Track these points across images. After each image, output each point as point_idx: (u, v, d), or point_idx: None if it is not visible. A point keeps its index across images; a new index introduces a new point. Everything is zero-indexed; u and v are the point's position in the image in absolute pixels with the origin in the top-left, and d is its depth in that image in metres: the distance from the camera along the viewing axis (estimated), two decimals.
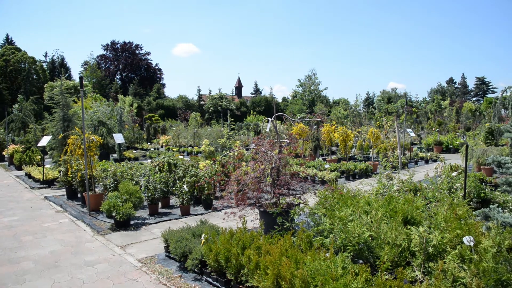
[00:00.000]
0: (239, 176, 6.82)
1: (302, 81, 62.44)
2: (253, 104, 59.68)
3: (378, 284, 3.50)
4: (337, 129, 17.43)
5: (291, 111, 52.53)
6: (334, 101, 62.15)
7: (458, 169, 10.37)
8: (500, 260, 3.84)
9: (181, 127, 31.36)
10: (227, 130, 24.83)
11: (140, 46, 65.63)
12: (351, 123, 30.82)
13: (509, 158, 5.21)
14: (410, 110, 40.90)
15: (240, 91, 79.92)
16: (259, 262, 4.33)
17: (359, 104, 56.07)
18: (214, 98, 55.29)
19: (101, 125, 19.30)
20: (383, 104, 53.22)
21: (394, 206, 5.55)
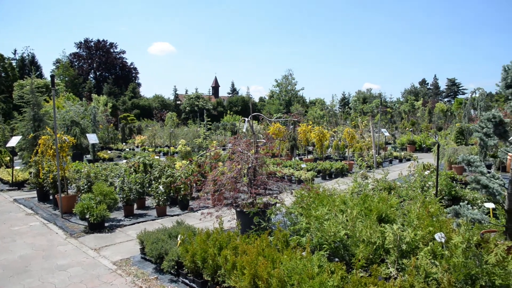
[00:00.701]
0: (216, 176, 6.79)
1: (279, 81, 62.69)
2: (230, 104, 59.57)
3: (353, 282, 3.55)
4: (314, 129, 17.60)
5: (268, 111, 52.72)
6: (310, 101, 62.69)
7: (431, 168, 10.65)
8: (469, 255, 3.95)
9: (157, 127, 30.96)
10: (203, 130, 24.67)
11: (115, 44, 64.44)
12: (327, 123, 31.18)
13: (477, 157, 5.38)
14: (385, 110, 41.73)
15: (217, 91, 79.61)
16: (236, 262, 4.31)
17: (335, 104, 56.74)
18: (190, 98, 54.87)
19: (74, 125, 18.84)
20: (359, 104, 54.10)
21: (369, 205, 5.65)
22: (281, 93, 62.36)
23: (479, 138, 5.20)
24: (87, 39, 62.43)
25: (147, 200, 9.80)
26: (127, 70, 65.62)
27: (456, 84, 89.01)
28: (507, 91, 4.92)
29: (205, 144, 20.96)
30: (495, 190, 5.11)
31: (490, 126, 4.96)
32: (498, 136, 4.95)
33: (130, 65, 66.19)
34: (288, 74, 62.76)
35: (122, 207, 8.77)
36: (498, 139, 4.99)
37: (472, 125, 8.46)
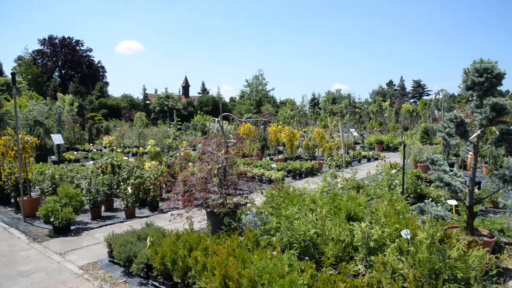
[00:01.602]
0: (186, 176, 6.73)
1: (250, 81, 62.77)
2: (200, 104, 59.11)
3: (323, 280, 3.60)
4: (284, 129, 17.73)
5: (239, 111, 52.63)
6: (281, 101, 63.10)
7: (397, 167, 10.95)
8: (433, 250, 4.10)
9: (126, 127, 30.32)
10: (173, 130, 24.38)
11: (81, 42, 62.53)
12: (298, 123, 31.47)
13: (441, 156, 5.57)
14: (354, 111, 42.53)
15: (187, 90, 78.82)
16: (206, 263, 4.29)
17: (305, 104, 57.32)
18: (160, 98, 54.08)
19: (38, 125, 18.18)
20: (328, 105, 54.88)
21: (338, 203, 5.74)
22: (252, 93, 62.45)
23: (442, 138, 5.39)
24: (51, 36, 60.30)
25: (115, 202, 9.58)
26: (94, 69, 63.87)
27: (421, 86, 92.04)
28: (468, 92, 5.13)
29: (175, 145, 20.72)
30: (457, 188, 5.32)
31: (452, 126, 5.15)
32: (460, 136, 5.15)
33: (97, 64, 64.46)
34: (259, 74, 62.95)
35: (89, 210, 8.53)
36: (460, 139, 5.20)
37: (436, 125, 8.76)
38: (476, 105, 5.09)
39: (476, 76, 4.92)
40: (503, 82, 4.93)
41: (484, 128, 5.06)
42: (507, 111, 4.76)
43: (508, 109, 4.74)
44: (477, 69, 4.92)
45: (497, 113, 4.78)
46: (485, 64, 4.86)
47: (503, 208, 5.34)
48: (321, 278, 3.63)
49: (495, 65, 4.84)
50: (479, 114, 4.94)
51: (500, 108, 4.72)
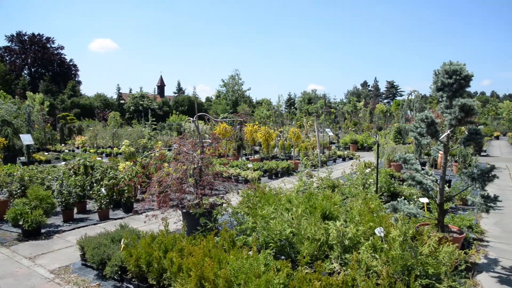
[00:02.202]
0: (161, 177, 6.65)
1: (226, 81, 62.54)
2: (176, 103, 58.55)
3: (299, 278, 3.62)
4: (260, 129, 17.77)
5: (215, 111, 52.45)
6: (257, 101, 63.15)
7: (371, 166, 11.16)
8: (405, 247, 4.20)
9: (99, 127, 29.67)
10: (148, 130, 24.03)
11: (52, 39, 60.74)
12: (274, 123, 31.57)
13: (413, 155, 5.71)
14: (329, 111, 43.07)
15: (162, 90, 77.92)
16: (182, 265, 4.25)
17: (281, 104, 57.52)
18: (135, 97, 53.24)
19: (6, 124, 17.56)
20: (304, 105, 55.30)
21: (314, 203, 5.80)
22: (228, 93, 62.24)
23: (414, 138, 5.53)
24: (20, 32, 58.29)
25: (88, 203, 9.36)
26: (66, 67, 62.20)
27: (394, 87, 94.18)
28: (438, 93, 5.27)
29: (150, 145, 20.44)
30: (428, 186, 5.46)
31: (423, 126, 5.28)
32: (431, 136, 5.29)
33: (69, 62, 62.82)
34: (235, 74, 62.78)
35: (60, 212, 8.30)
36: (431, 138, 5.34)
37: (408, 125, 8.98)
38: (446, 105, 5.24)
39: (445, 78, 5.07)
40: (471, 84, 5.11)
41: (453, 128, 5.22)
42: (475, 111, 4.92)
43: (476, 109, 4.90)
44: (447, 71, 5.07)
45: (466, 113, 4.94)
46: (454, 66, 5.01)
47: (472, 205, 5.52)
48: (296, 277, 3.66)
49: (463, 67, 5.00)
50: (449, 115, 5.08)
51: (468, 108, 4.88)
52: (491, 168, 5.19)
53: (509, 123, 41.40)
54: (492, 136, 35.86)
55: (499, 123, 44.90)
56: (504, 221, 7.66)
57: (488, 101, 65.20)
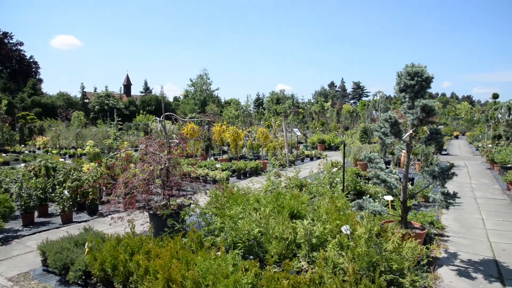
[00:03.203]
0: (127, 178, 6.50)
1: (194, 81, 62.00)
2: (143, 103, 57.48)
3: (267, 278, 3.64)
4: (228, 129, 17.73)
5: (183, 111, 51.89)
6: (226, 101, 62.98)
7: (338, 165, 11.36)
8: (371, 244, 4.30)
9: (62, 127, 28.64)
10: (114, 130, 23.47)
11: (10, 34, 58.09)
12: (242, 123, 31.61)
13: (377, 154, 5.87)
14: (297, 111, 43.55)
15: (129, 89, 76.27)
16: (148, 267, 4.17)
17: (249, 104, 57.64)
18: (100, 96, 51.84)
19: None
20: (272, 105, 55.71)
21: (282, 202, 5.85)
22: (196, 92, 61.73)
23: (379, 137, 5.68)
24: None
25: (50, 206, 9.02)
26: (26, 64, 59.71)
27: (360, 87, 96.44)
28: (401, 94, 5.44)
29: (115, 145, 19.95)
30: (392, 184, 5.62)
31: (387, 126, 5.43)
32: (394, 135, 5.45)
33: (29, 59, 60.34)
34: (203, 74, 62.36)
35: (20, 216, 7.95)
36: (394, 138, 5.50)
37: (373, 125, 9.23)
38: (408, 106, 5.40)
39: (408, 79, 5.23)
40: (432, 85, 5.30)
41: (415, 127, 5.39)
42: (435, 112, 5.11)
43: (436, 110, 5.09)
44: (409, 72, 5.24)
45: (427, 114, 5.11)
46: (416, 68, 5.18)
47: (433, 202, 5.72)
48: (265, 276, 3.68)
49: (424, 69, 5.18)
50: (411, 115, 5.25)
51: (429, 109, 5.06)
52: (451, 166, 5.40)
53: (467, 123, 43.29)
54: (452, 135, 37.40)
55: (458, 123, 46.90)
56: (463, 216, 8.00)
57: (448, 102, 68.00)
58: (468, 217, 7.94)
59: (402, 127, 5.51)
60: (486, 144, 20.54)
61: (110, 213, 8.23)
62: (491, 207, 8.77)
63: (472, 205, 8.98)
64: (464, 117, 44.32)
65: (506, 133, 16.97)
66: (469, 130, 38.91)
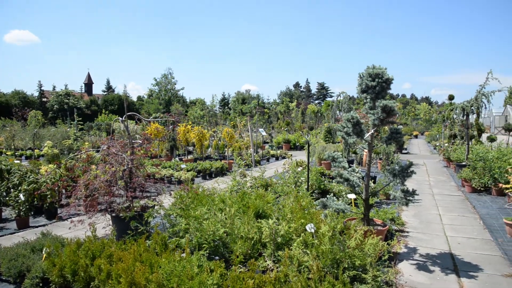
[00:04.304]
0: (88, 180, 6.30)
1: (158, 80, 61.06)
2: (105, 102, 55.94)
3: (232, 278, 3.63)
4: (193, 129, 17.56)
5: (147, 111, 50.97)
6: (191, 101, 62.46)
7: (303, 165, 11.50)
8: (334, 242, 4.38)
9: (18, 127, 27.33)
10: (74, 131, 22.66)
11: None
12: (208, 123, 31.42)
13: (341, 154, 5.99)
14: (262, 111, 43.75)
15: (90, 88, 73.94)
16: (111, 271, 4.05)
17: (215, 104, 57.43)
18: (59, 95, 49.99)
19: None
20: (238, 105, 55.70)
21: (247, 202, 5.85)
22: (161, 92, 60.84)
23: (342, 137, 5.79)
24: None
25: (4, 211, 8.58)
26: None
27: (325, 88, 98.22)
28: (362, 95, 5.57)
29: (76, 146, 19.29)
30: (354, 183, 5.75)
31: (350, 126, 5.55)
32: (356, 135, 5.58)
33: None
34: (168, 73, 61.57)
35: None
36: (357, 137, 5.63)
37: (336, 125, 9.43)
38: (370, 106, 5.55)
39: (369, 81, 5.37)
40: (392, 87, 5.46)
41: (377, 127, 5.54)
42: (395, 112, 5.28)
43: (396, 110, 5.25)
44: (370, 74, 5.38)
45: (387, 114, 5.27)
46: (377, 70, 5.32)
47: (394, 199, 5.91)
48: (230, 277, 3.66)
49: (385, 71, 5.34)
50: (372, 115, 5.40)
51: (389, 109, 5.21)
52: (410, 164, 5.60)
53: (426, 123, 45.06)
54: (412, 135, 38.86)
55: (417, 123, 48.76)
56: (421, 212, 8.31)
57: (408, 103, 70.49)
58: (427, 213, 8.25)
59: (364, 127, 5.65)
60: (443, 143, 21.47)
61: (70, 216, 7.95)
62: (448, 203, 9.17)
63: (430, 202, 9.35)
64: (423, 117, 46.10)
65: (460, 132, 17.78)
66: (427, 130, 40.53)
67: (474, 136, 16.62)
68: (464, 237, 6.65)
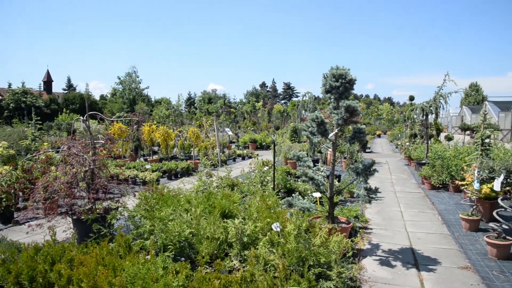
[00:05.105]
0: (47, 182, 6.06)
1: (122, 79, 59.62)
2: (66, 101, 53.97)
3: (198, 279, 3.60)
4: (159, 129, 17.28)
5: (110, 110, 49.74)
6: (156, 100, 61.38)
7: (269, 164, 11.57)
8: (300, 240, 4.44)
9: None
10: (32, 131, 21.73)
11: None
12: (173, 122, 31.00)
13: (305, 153, 6.07)
14: (229, 111, 43.69)
15: (49, 86, 70.96)
16: (72, 276, 3.91)
17: (181, 104, 56.71)
18: (16, 93, 47.70)
19: None
20: (204, 104, 55.25)
21: (213, 202, 5.82)
22: (125, 91, 59.45)
23: (306, 136, 5.87)
24: None
25: None
26: None
27: (291, 88, 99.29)
28: (326, 95, 5.67)
29: (34, 147, 18.51)
30: (319, 181, 5.84)
31: (314, 125, 5.64)
32: (321, 134, 5.67)
33: None
34: (132, 72, 60.25)
35: None
36: (321, 137, 5.72)
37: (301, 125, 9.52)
38: (334, 106, 5.66)
39: (333, 81, 5.48)
40: (356, 87, 5.60)
41: (340, 127, 5.66)
42: (358, 112, 5.41)
43: (359, 110, 5.39)
44: (334, 74, 5.48)
45: (350, 114, 5.39)
46: (340, 70, 5.44)
47: (357, 197, 6.05)
48: (196, 278, 3.63)
49: (348, 71, 5.46)
50: (336, 115, 5.50)
51: (352, 109, 5.34)
52: (372, 163, 5.75)
53: (388, 123, 46.48)
54: (375, 134, 39.98)
55: (380, 123, 50.19)
56: (384, 209, 8.56)
57: (372, 103, 72.52)
58: (389, 210, 8.52)
59: (328, 127, 5.76)
60: (404, 142, 22.21)
61: (27, 220, 7.62)
62: (409, 200, 9.50)
63: (392, 199, 9.65)
64: (386, 117, 47.51)
65: (420, 132, 18.47)
66: (390, 129, 41.78)
67: (433, 135, 17.31)
68: (424, 232, 6.91)
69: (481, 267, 5.22)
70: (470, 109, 44.84)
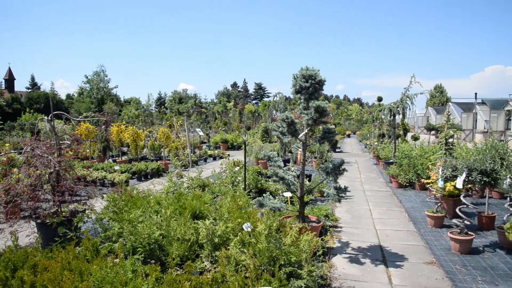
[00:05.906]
0: (9, 184, 5.81)
1: (90, 78, 58.04)
2: (29, 100, 51.98)
3: (168, 281, 3.55)
4: (128, 129, 16.95)
5: (77, 110, 48.41)
6: (125, 100, 60.16)
7: (240, 164, 11.57)
8: (270, 240, 4.45)
9: None
10: None
11: None
12: (143, 122, 30.50)
13: (276, 153, 6.10)
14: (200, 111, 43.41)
15: (11, 84, 68.21)
16: (35, 282, 3.77)
17: (151, 103, 55.96)
18: None
19: None
20: (175, 104, 54.62)
21: (184, 203, 5.76)
22: (92, 90, 57.94)
23: (277, 136, 5.91)
24: None
25: None
26: None
27: (262, 88, 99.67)
28: (296, 96, 5.73)
29: None
30: (290, 181, 5.88)
31: (285, 125, 5.68)
32: (291, 134, 5.71)
33: None
34: (100, 71, 58.77)
35: None
36: (291, 137, 5.77)
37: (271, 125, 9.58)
38: (304, 107, 5.71)
39: (303, 82, 5.53)
40: (325, 88, 5.68)
41: (310, 127, 5.72)
42: (327, 112, 5.49)
43: (328, 111, 5.47)
44: (304, 75, 5.54)
45: (320, 114, 5.46)
46: (310, 71, 5.50)
47: (327, 196, 6.13)
48: (166, 280, 3.58)
49: (318, 72, 5.53)
50: (306, 115, 5.56)
51: (322, 110, 5.41)
52: (341, 162, 5.85)
53: (357, 123, 47.48)
54: (345, 134, 40.71)
55: (350, 123, 51.20)
56: (353, 208, 8.73)
57: (341, 103, 73.79)
58: (358, 209, 8.69)
59: (298, 127, 5.81)
60: (373, 142, 22.74)
61: None
62: (377, 198, 9.73)
63: (361, 197, 9.86)
64: (355, 118, 48.53)
65: (388, 132, 18.96)
66: (359, 130, 42.68)
67: (400, 135, 17.78)
68: (392, 229, 7.10)
69: (445, 262, 5.41)
70: (435, 110, 46.42)
